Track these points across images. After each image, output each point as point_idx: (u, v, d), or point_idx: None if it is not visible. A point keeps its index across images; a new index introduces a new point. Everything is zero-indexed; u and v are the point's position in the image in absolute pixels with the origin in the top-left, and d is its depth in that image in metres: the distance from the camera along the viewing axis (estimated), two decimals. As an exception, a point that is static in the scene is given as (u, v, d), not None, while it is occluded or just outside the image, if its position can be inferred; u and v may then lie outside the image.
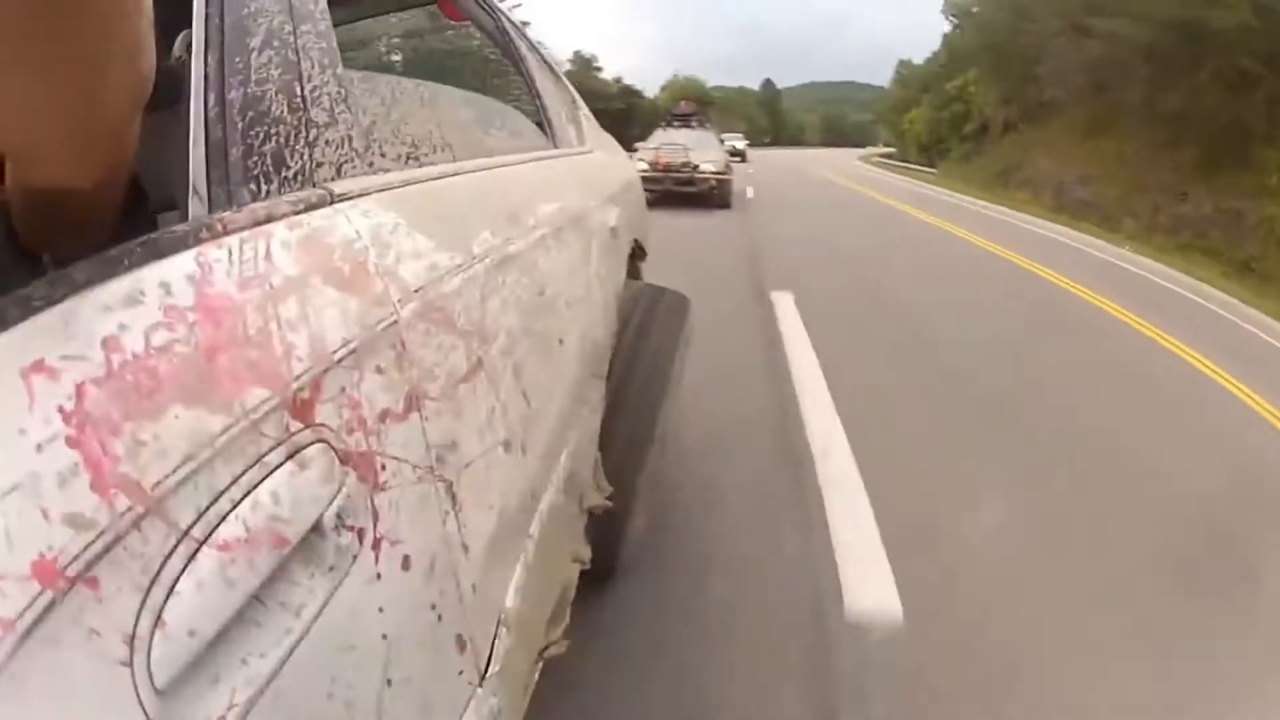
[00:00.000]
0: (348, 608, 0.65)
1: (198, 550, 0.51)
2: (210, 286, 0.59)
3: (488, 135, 1.58)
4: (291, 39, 0.89)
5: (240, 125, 0.77)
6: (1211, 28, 13.77)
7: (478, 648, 0.93)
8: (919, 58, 52.73)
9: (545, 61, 2.45)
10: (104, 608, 0.45)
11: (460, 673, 0.88)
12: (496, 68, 2.28)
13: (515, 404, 1.12)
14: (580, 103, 2.71)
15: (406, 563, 0.75)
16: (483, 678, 0.94)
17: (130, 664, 0.46)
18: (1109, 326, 6.89)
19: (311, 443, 0.63)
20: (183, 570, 0.50)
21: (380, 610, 0.71)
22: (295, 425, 0.62)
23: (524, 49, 2.22)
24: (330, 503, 0.64)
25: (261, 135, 0.79)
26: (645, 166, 13.59)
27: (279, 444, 0.59)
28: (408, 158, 1.14)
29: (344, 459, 0.67)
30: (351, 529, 0.66)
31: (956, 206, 18.38)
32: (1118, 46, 17.03)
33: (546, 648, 1.53)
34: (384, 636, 0.71)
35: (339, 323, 0.71)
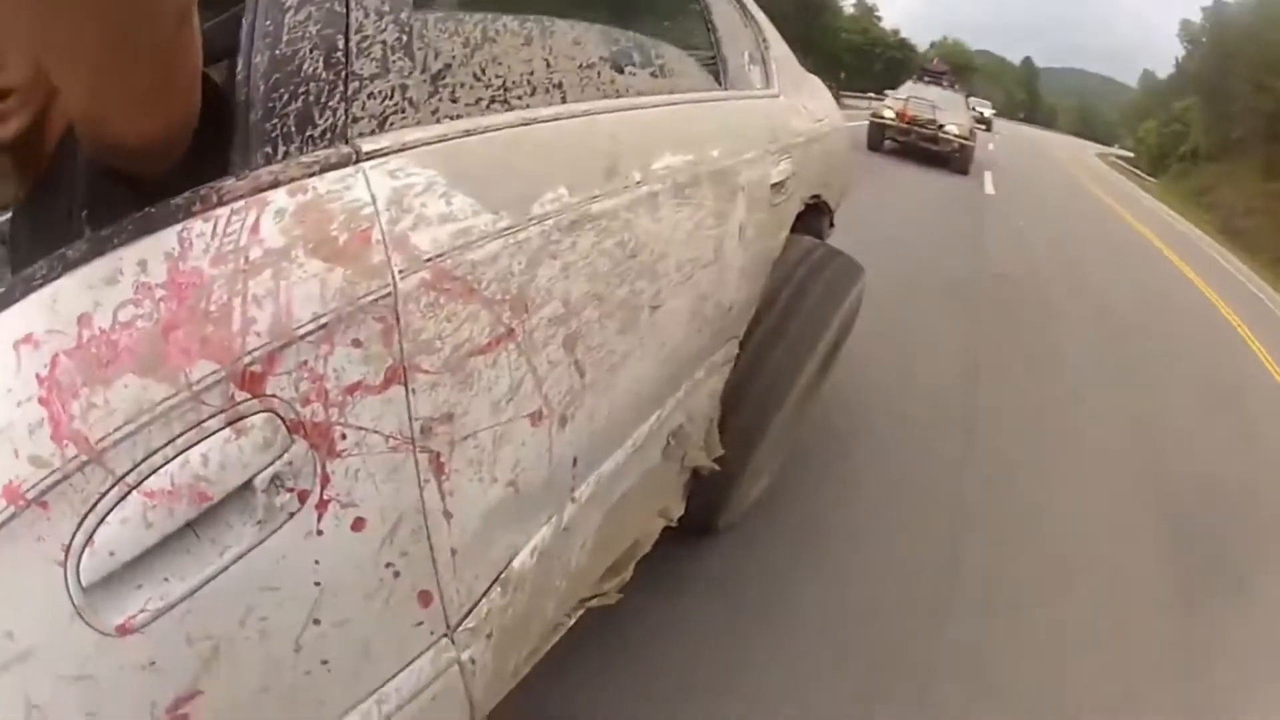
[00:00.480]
0: (277, 555, 0.74)
1: (127, 494, 0.63)
2: (184, 263, 0.67)
3: (623, 75, 1.47)
4: None
5: (263, 88, 0.78)
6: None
7: (450, 603, 1.00)
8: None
9: None
10: (49, 525, 0.60)
11: (420, 624, 0.96)
12: (676, 3, 2.17)
13: (560, 374, 1.11)
14: (774, 41, 2.56)
15: (359, 524, 0.82)
16: (451, 631, 1.02)
17: (64, 565, 0.61)
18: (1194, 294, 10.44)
19: (257, 412, 0.70)
20: (112, 508, 0.63)
21: (316, 562, 0.78)
22: (241, 396, 0.69)
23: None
24: (266, 467, 0.71)
25: (286, 96, 0.79)
26: (891, 116, 14.98)
27: (219, 413, 0.68)
28: (492, 102, 1.08)
29: (293, 428, 0.73)
30: (291, 491, 0.74)
31: (1149, 209, 22.35)
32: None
33: (592, 598, 1.62)
34: (316, 584, 0.79)
35: (314, 297, 0.74)
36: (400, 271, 0.82)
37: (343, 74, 0.84)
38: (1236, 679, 2.59)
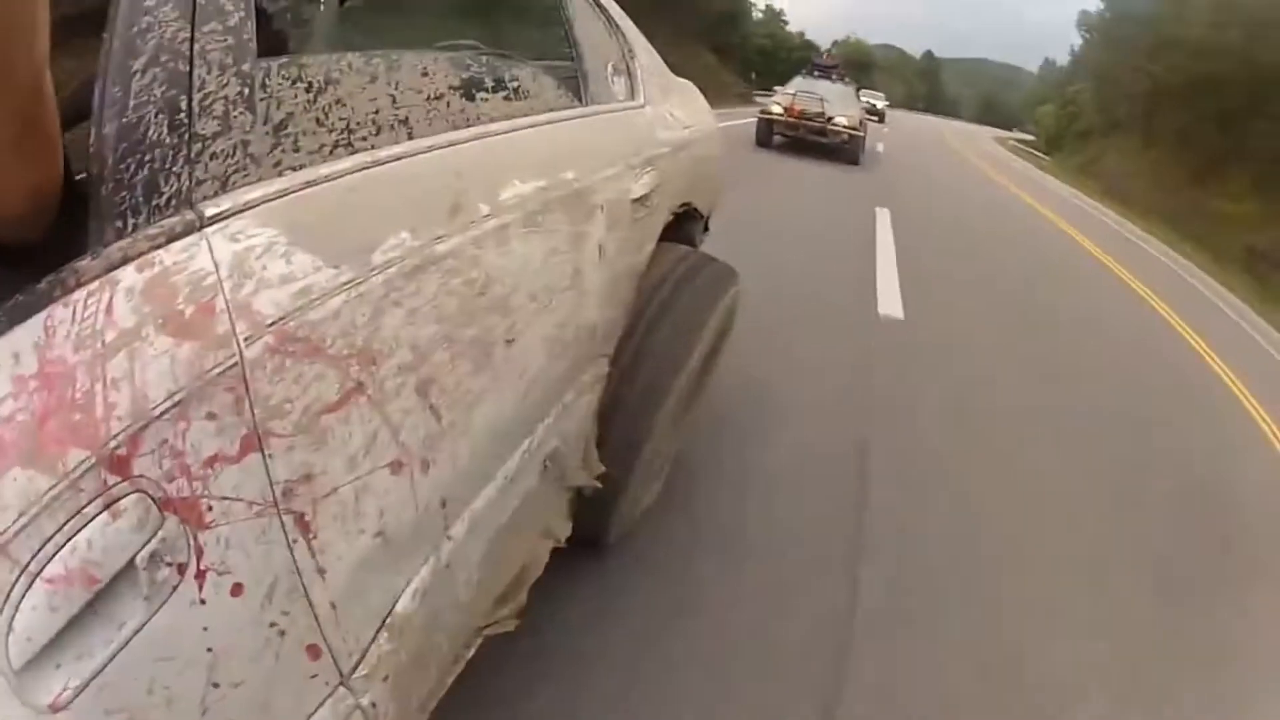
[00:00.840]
0: (168, 627, 0.75)
1: (33, 583, 0.65)
2: (51, 351, 0.68)
3: (474, 102, 1.47)
4: (186, 47, 0.86)
5: (111, 159, 0.77)
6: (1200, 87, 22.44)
7: (339, 654, 1.02)
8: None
9: (595, 3, 2.33)
10: None
11: (314, 676, 0.98)
12: (536, 17, 2.18)
13: (416, 421, 1.12)
14: (640, 49, 2.58)
15: (237, 589, 0.83)
16: (345, 679, 1.04)
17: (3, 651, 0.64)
18: (1057, 233, 14.15)
19: (128, 494, 0.71)
20: (23, 596, 0.65)
21: (205, 629, 0.80)
22: (112, 479, 0.70)
23: (567, -9, 2.11)
24: (144, 546, 0.72)
25: (134, 165, 0.79)
26: (779, 111, 15.46)
27: (96, 497, 0.69)
28: (336, 146, 1.08)
29: (163, 505, 0.74)
30: (170, 565, 0.75)
31: (1033, 179, 25.66)
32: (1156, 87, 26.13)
33: (487, 626, 1.63)
34: (209, 650, 0.80)
35: (167, 374, 0.75)
36: (245, 340, 0.82)
37: (186, 136, 0.84)
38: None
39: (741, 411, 3.71)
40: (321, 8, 2.19)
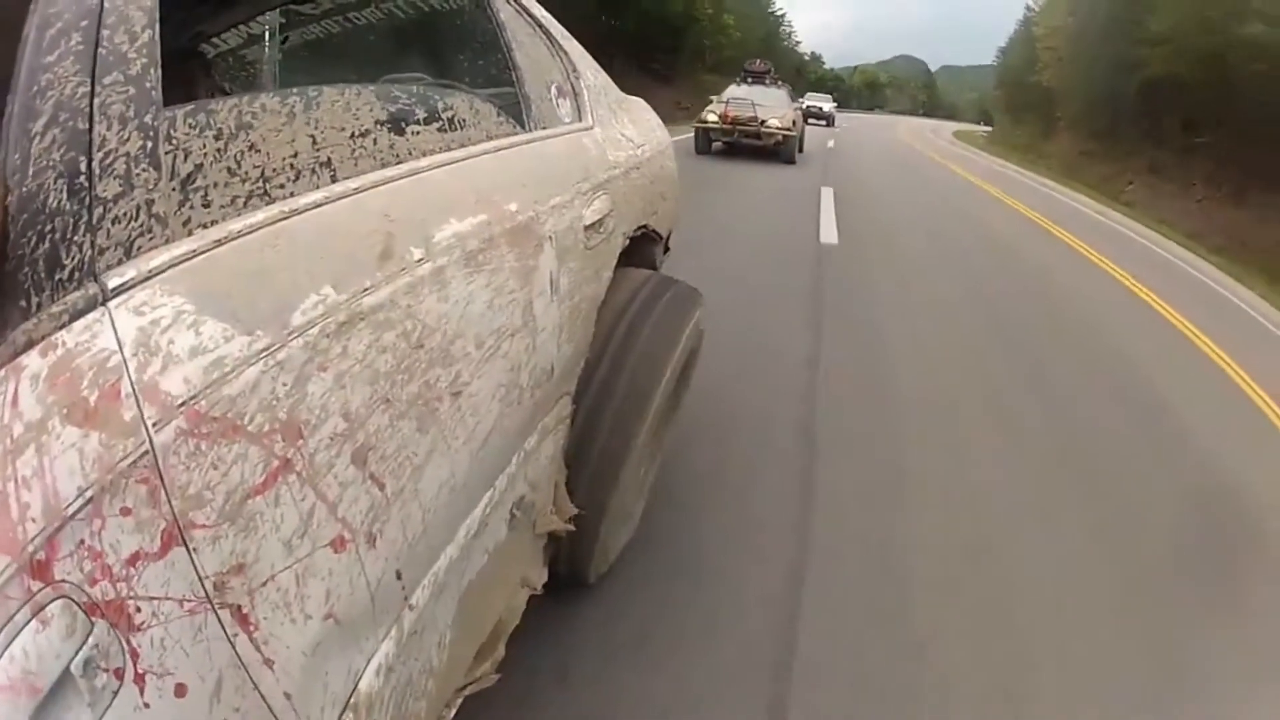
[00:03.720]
0: None
1: None
2: None
3: (404, 137, 1.42)
4: (86, 104, 0.82)
5: (13, 234, 0.73)
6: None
7: None
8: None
9: (535, 23, 2.30)
10: None
11: None
12: (472, 42, 2.13)
13: (355, 493, 1.06)
14: (585, 68, 2.56)
15: (180, 690, 0.79)
16: None
17: None
18: (983, 194, 17.53)
19: (53, 600, 0.67)
20: None
21: None
22: (35, 585, 0.66)
23: (504, 14, 2.07)
24: (77, 653, 0.68)
25: (35, 237, 0.75)
26: (714, 119, 16.72)
27: (23, 604, 0.65)
28: (251, 197, 1.03)
29: (90, 610, 0.70)
30: (107, 670, 0.71)
31: (968, 159, 29.70)
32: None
33: (466, 686, 1.61)
34: None
35: (76, 469, 0.70)
36: (154, 424, 0.77)
37: (87, 201, 0.79)
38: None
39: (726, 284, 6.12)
40: (250, 52, 2.14)
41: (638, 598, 2.53)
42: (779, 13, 74.02)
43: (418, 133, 1.48)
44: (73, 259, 0.77)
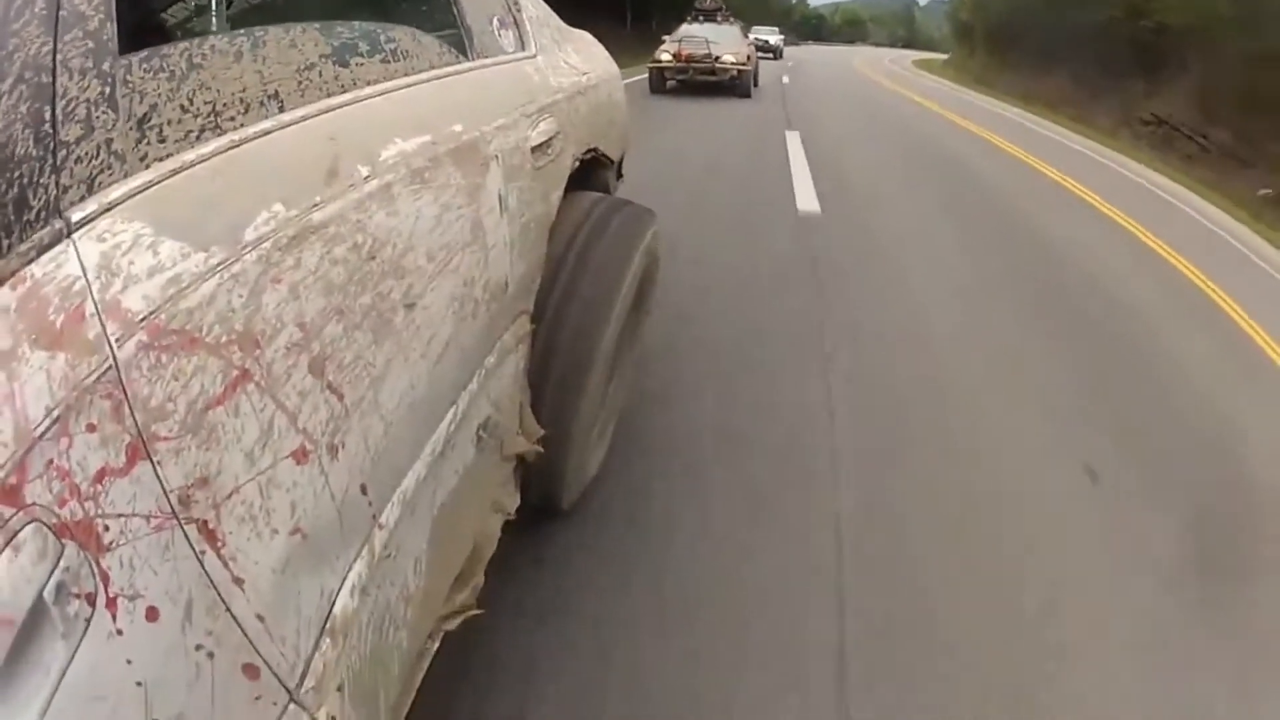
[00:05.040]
0: (91, 665, 0.71)
1: None
2: None
3: (349, 69, 1.43)
4: (49, 59, 0.83)
5: None
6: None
7: (280, 669, 0.97)
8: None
9: None
10: None
11: (258, 697, 0.93)
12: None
13: (314, 403, 1.06)
14: (527, 1, 2.54)
15: (152, 614, 0.78)
16: (294, 695, 0.99)
17: None
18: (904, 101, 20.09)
19: (25, 525, 0.67)
20: None
21: (129, 662, 0.75)
22: (7, 511, 0.66)
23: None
24: (49, 578, 0.68)
25: (4, 185, 0.75)
26: (669, 58, 16.80)
27: None
28: (203, 131, 1.04)
29: (60, 532, 0.70)
30: (79, 596, 0.71)
31: (907, 79, 30.42)
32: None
33: (449, 616, 1.61)
34: (138, 684, 0.76)
35: (44, 390, 0.70)
36: (116, 340, 0.78)
37: (51, 146, 0.81)
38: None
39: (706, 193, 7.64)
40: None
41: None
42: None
43: (361, 64, 1.48)
44: (39, 200, 0.78)
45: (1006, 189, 9.39)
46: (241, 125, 1.10)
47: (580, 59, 2.85)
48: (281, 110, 1.20)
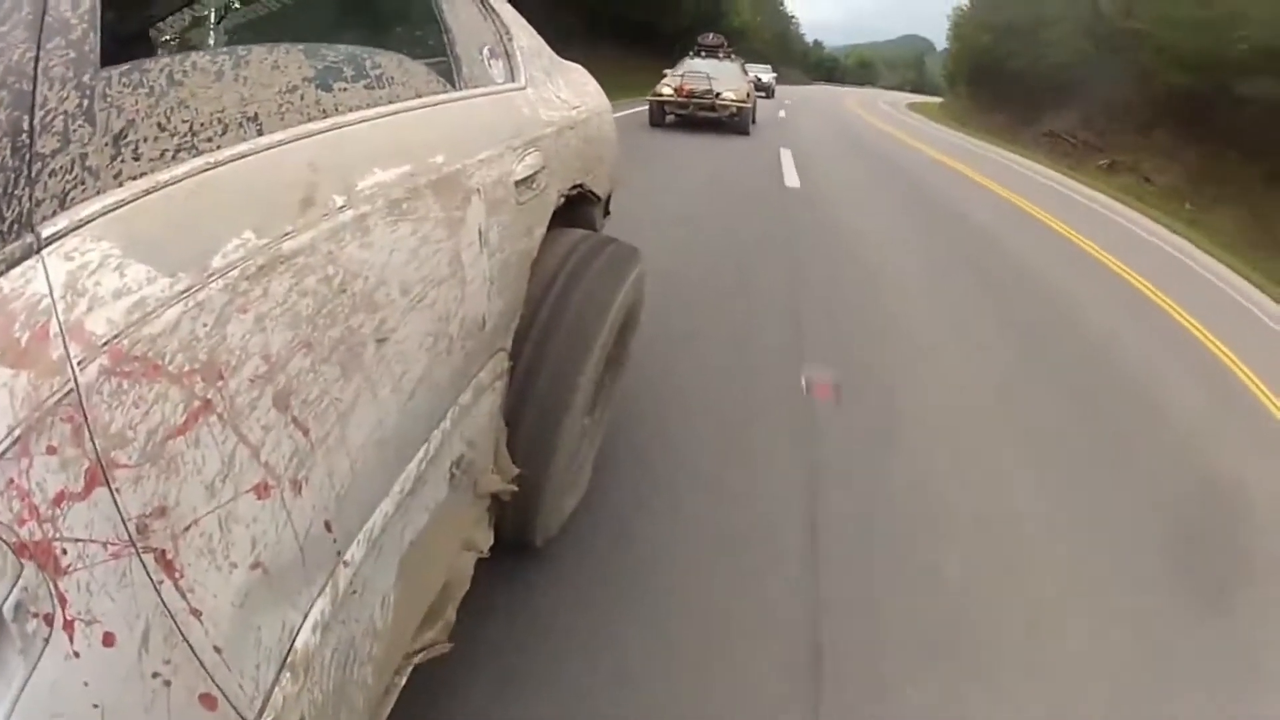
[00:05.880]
0: (49, 684, 0.74)
1: None
2: None
3: (331, 93, 1.45)
4: (31, 67, 0.86)
5: None
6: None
7: (238, 701, 1.00)
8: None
9: None
10: None
11: None
12: (404, 6, 2.17)
13: (278, 437, 1.08)
14: (519, 31, 2.60)
15: (109, 639, 0.81)
16: None
17: None
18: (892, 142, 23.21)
19: None
20: None
21: (85, 684, 0.78)
22: None
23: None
24: (8, 595, 0.70)
25: None
26: (669, 92, 17.56)
27: None
28: (179, 150, 1.06)
29: (19, 551, 0.72)
30: (37, 615, 0.73)
31: (898, 120, 34.79)
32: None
33: (417, 652, 1.62)
34: (95, 706, 0.79)
35: (6, 408, 0.72)
36: (79, 362, 0.80)
37: (27, 157, 0.83)
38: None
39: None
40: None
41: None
42: (790, 13, 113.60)
43: (345, 90, 1.50)
44: (13, 212, 0.80)
45: (918, 173, 15.90)
46: (219, 146, 1.13)
47: (571, 92, 2.90)
48: (260, 133, 1.23)
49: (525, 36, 2.64)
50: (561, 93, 2.77)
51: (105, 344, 0.83)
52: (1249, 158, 15.36)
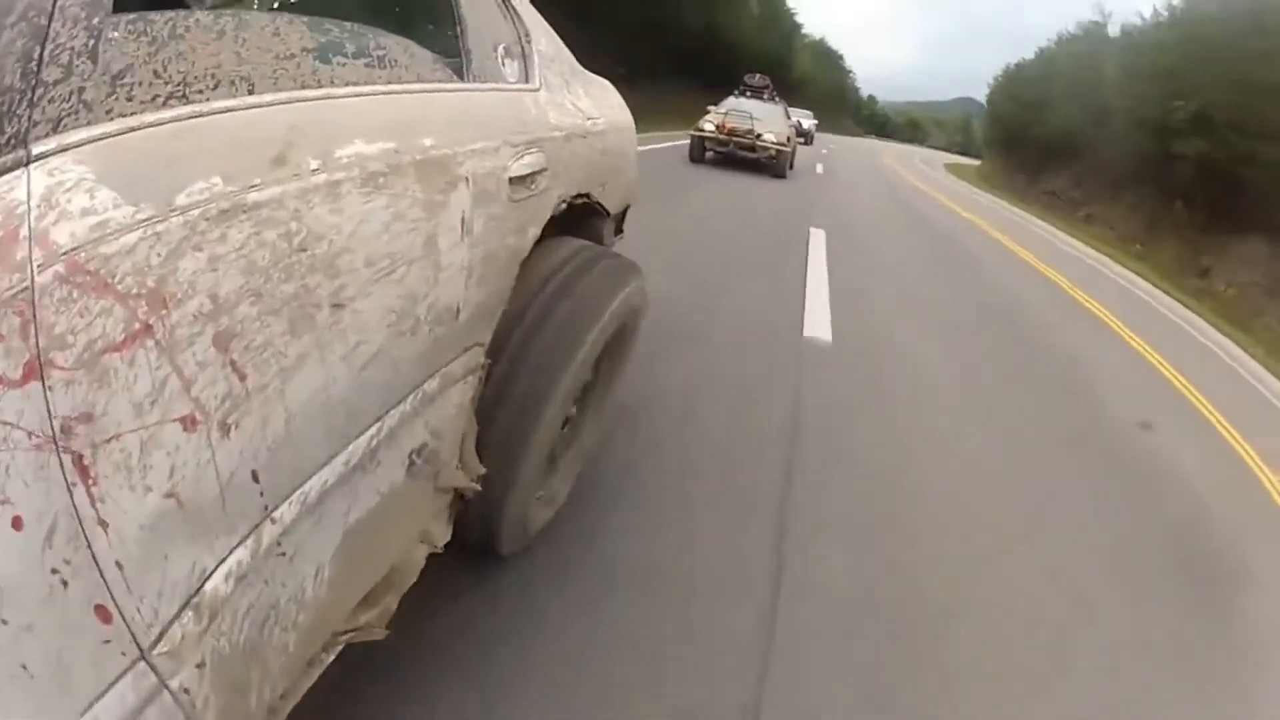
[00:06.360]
0: None
1: None
2: None
3: (329, 66, 1.53)
4: (50, 4, 0.98)
5: None
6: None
7: (134, 623, 1.03)
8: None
9: None
10: None
11: (107, 642, 0.99)
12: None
13: (213, 376, 1.13)
14: (539, 34, 2.67)
15: (18, 522, 0.87)
16: (145, 654, 1.05)
17: None
18: (926, 202, 24.42)
19: None
20: None
21: None
22: None
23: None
24: None
25: None
26: (711, 129, 18.07)
27: None
28: (170, 98, 1.16)
29: None
30: None
31: (934, 180, 36.50)
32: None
33: (347, 632, 1.64)
34: None
35: None
36: (39, 265, 0.89)
37: (33, 82, 0.95)
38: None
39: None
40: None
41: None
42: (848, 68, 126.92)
43: (343, 65, 1.59)
44: (12, 128, 0.92)
45: (933, 218, 19.01)
46: (207, 99, 1.23)
47: (590, 103, 2.97)
48: (251, 93, 1.32)
49: (546, 41, 2.71)
50: (578, 101, 2.84)
51: (65, 254, 0.92)
52: (1191, 208, 20.72)
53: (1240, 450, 6.20)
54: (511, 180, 2.10)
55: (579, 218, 2.96)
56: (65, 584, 0.93)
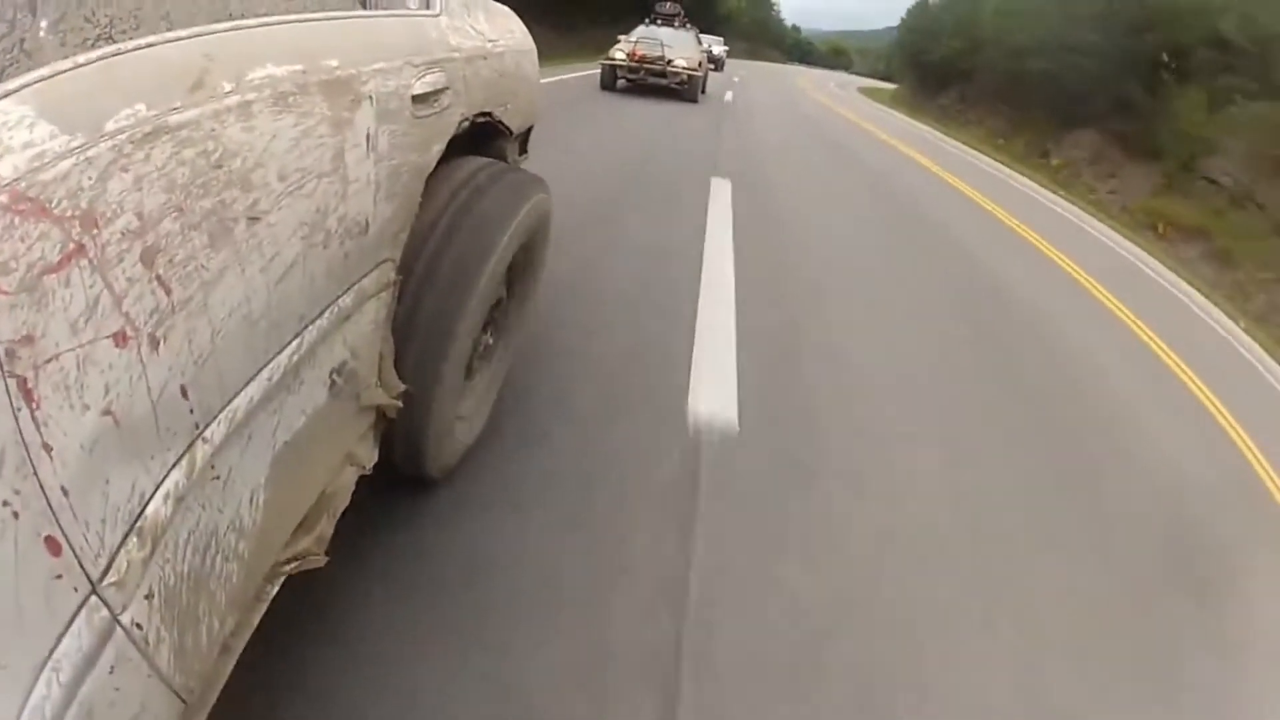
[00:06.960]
0: None
1: None
2: None
3: (238, 2, 1.63)
4: None
5: None
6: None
7: (83, 554, 1.06)
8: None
9: None
10: None
11: (59, 576, 1.02)
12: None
13: (141, 291, 1.19)
14: None
15: None
16: (96, 586, 1.08)
17: None
18: (829, 114, 29.18)
19: None
20: None
21: None
22: None
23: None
24: None
25: None
26: (622, 57, 18.74)
27: None
28: (98, 39, 1.28)
29: None
30: None
31: (844, 99, 41.14)
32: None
33: (288, 561, 1.70)
34: None
35: None
36: None
37: None
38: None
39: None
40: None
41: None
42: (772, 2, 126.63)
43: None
44: None
45: (829, 124, 22.41)
46: (131, 38, 1.34)
47: (490, 27, 3.07)
48: (170, 30, 1.42)
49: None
50: (479, 25, 2.95)
51: (7, 185, 0.98)
52: (1047, 111, 24.33)
53: (1037, 244, 10.95)
54: (414, 98, 2.18)
55: (484, 139, 3.06)
56: (16, 515, 0.94)
